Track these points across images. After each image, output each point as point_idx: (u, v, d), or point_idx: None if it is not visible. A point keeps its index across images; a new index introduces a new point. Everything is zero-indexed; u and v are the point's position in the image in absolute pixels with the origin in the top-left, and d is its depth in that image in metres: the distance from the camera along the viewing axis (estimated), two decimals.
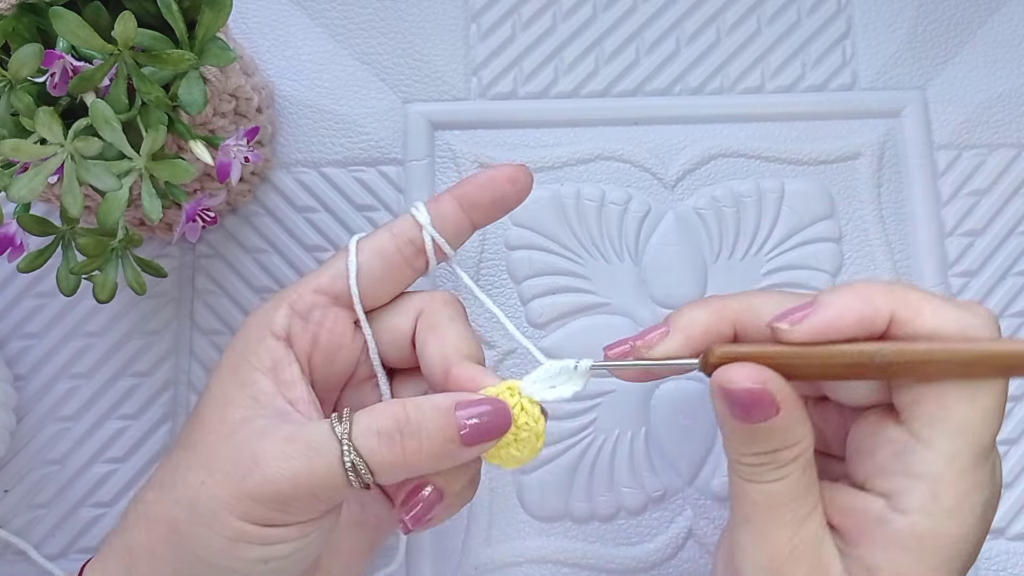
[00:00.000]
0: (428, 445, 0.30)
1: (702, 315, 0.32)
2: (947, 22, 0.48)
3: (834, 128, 0.47)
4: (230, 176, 0.35)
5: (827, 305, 0.30)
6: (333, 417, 0.31)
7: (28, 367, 0.43)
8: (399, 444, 0.30)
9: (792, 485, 0.30)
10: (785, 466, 0.30)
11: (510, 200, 0.35)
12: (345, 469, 0.29)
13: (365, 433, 0.30)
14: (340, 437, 0.30)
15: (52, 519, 0.42)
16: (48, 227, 0.34)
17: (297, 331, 0.33)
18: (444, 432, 0.30)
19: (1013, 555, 0.43)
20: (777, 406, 0.29)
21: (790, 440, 0.30)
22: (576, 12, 0.47)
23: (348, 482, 0.30)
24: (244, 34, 0.46)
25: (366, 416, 0.30)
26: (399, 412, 0.30)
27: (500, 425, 0.30)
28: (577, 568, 0.42)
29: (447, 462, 0.30)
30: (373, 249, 0.34)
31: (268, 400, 0.32)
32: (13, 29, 0.31)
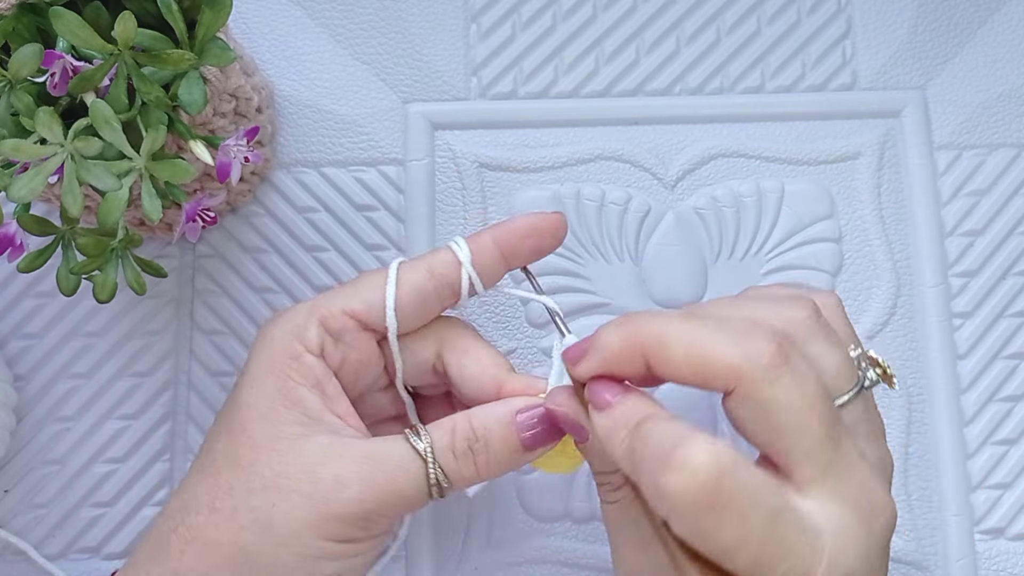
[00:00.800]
0: (496, 457, 0.32)
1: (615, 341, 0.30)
2: (947, 22, 0.48)
3: (834, 128, 0.47)
4: (230, 176, 0.35)
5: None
6: (407, 433, 0.32)
7: (28, 367, 0.43)
8: (472, 460, 0.32)
9: (626, 509, 0.32)
10: (617, 489, 0.32)
11: (548, 250, 0.36)
12: (430, 485, 0.32)
13: (444, 452, 0.32)
14: (424, 455, 0.32)
15: (52, 519, 0.42)
16: (48, 227, 0.34)
17: (329, 349, 0.34)
18: (508, 443, 0.32)
19: (1013, 555, 0.43)
20: (585, 431, 0.31)
21: (610, 465, 0.32)
22: (576, 12, 0.47)
23: (430, 496, 0.32)
24: (244, 34, 0.46)
25: (440, 434, 0.32)
26: (468, 430, 0.32)
27: (556, 429, 0.33)
28: (577, 568, 0.42)
29: (513, 467, 0.33)
30: (412, 286, 0.34)
31: (319, 415, 0.32)
32: (13, 29, 0.31)
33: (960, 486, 0.43)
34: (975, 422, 0.44)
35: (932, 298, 0.45)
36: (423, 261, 0.35)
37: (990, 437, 0.44)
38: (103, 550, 0.42)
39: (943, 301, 0.45)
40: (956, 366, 0.44)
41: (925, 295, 0.45)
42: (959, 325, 0.45)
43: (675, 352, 0.28)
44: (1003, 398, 0.44)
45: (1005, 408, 0.44)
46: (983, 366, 0.44)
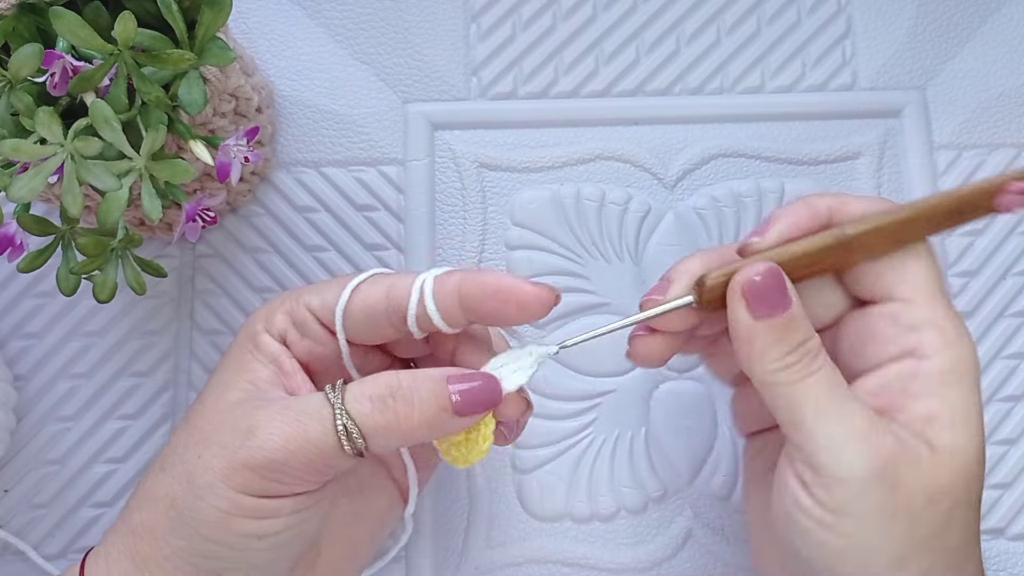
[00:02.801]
0: (420, 411, 0.30)
1: (696, 261, 0.34)
2: (947, 22, 0.48)
3: (834, 128, 0.47)
4: (230, 176, 0.35)
5: (781, 215, 0.33)
6: (327, 388, 0.31)
7: (28, 367, 0.43)
8: (391, 408, 0.30)
9: (833, 371, 0.32)
10: (820, 353, 0.32)
11: (509, 322, 0.32)
12: (337, 433, 0.30)
13: (358, 398, 0.31)
14: (333, 402, 0.31)
15: (52, 519, 0.42)
16: (48, 227, 0.34)
17: (293, 338, 0.34)
18: (437, 399, 0.31)
19: (1013, 555, 0.43)
20: (788, 295, 0.32)
21: (809, 330, 0.32)
22: (576, 12, 0.47)
23: (341, 446, 0.30)
24: (244, 34, 0.47)
25: (358, 384, 0.31)
26: (392, 379, 0.31)
27: (491, 398, 0.31)
28: (577, 568, 0.42)
29: (437, 431, 0.31)
30: (366, 303, 0.33)
31: (267, 387, 0.33)
32: (13, 29, 0.31)
33: None
34: None
35: None
36: (389, 279, 0.34)
37: (990, 437, 0.44)
38: None
39: None
40: None
41: None
42: None
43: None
44: (1003, 398, 0.44)
45: (1005, 408, 0.44)
46: (983, 366, 0.44)
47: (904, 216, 0.33)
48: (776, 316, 0.32)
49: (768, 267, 0.32)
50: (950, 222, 0.33)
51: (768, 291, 0.32)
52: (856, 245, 0.33)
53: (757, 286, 0.32)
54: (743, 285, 0.32)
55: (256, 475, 0.30)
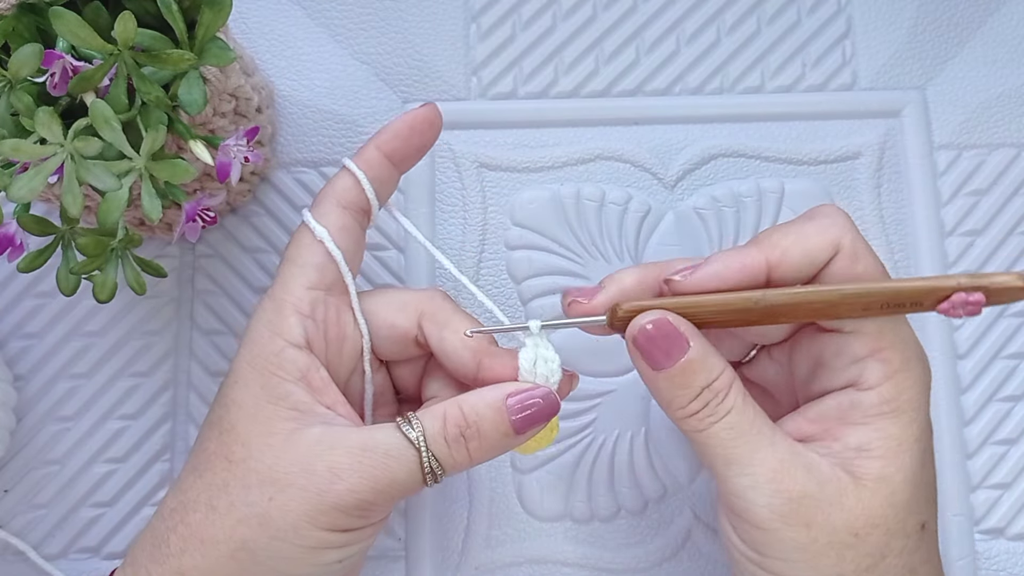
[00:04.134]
0: (487, 442, 0.33)
1: (631, 275, 0.34)
2: (947, 22, 0.48)
3: (834, 128, 0.47)
4: (230, 176, 0.35)
5: (713, 260, 0.33)
6: (399, 422, 0.32)
7: (28, 367, 0.43)
8: (464, 446, 0.32)
9: (742, 411, 0.32)
10: (726, 397, 0.32)
11: (429, 144, 0.36)
12: (424, 473, 0.32)
13: (436, 439, 0.32)
14: (417, 444, 0.32)
15: (52, 519, 0.42)
16: (48, 227, 0.34)
17: (313, 335, 0.34)
18: (499, 428, 0.32)
19: (1013, 555, 0.43)
20: (685, 338, 0.32)
21: (713, 372, 0.32)
22: (576, 12, 0.47)
23: (425, 483, 0.32)
24: (244, 34, 0.47)
25: (431, 421, 0.32)
26: (458, 416, 0.32)
27: (549, 411, 0.33)
28: (577, 568, 0.42)
29: (504, 451, 0.33)
30: (340, 228, 0.35)
31: (309, 408, 0.33)
32: (13, 29, 0.31)
33: (960, 486, 0.43)
34: (975, 422, 0.44)
35: None
36: (329, 198, 0.35)
37: (990, 437, 0.44)
38: (103, 550, 0.42)
39: None
40: (956, 366, 0.44)
41: None
42: (959, 325, 0.45)
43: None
44: (1003, 398, 0.44)
45: (1005, 408, 0.44)
46: (983, 366, 0.44)
47: (831, 296, 0.32)
48: (666, 367, 0.32)
49: (656, 320, 0.32)
50: (885, 310, 0.32)
51: (657, 342, 0.32)
52: (778, 312, 0.32)
53: (647, 336, 0.32)
54: (634, 336, 0.32)
55: (345, 515, 0.31)
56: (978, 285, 0.31)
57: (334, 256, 0.34)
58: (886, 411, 0.32)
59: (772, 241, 0.33)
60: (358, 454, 0.31)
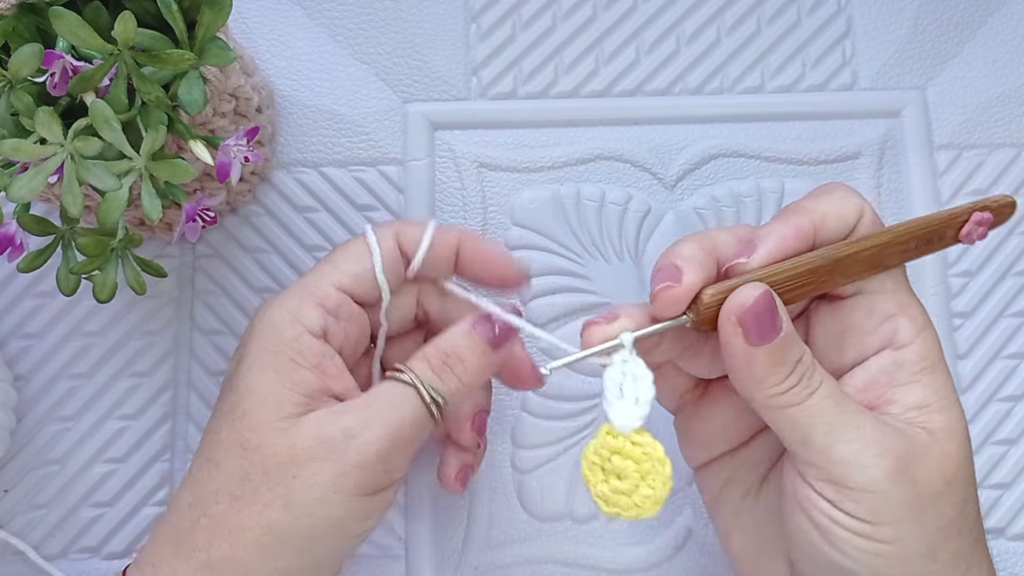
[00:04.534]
0: (470, 363, 0.34)
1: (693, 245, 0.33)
2: (947, 22, 0.48)
3: (834, 128, 0.47)
4: (230, 176, 0.35)
5: (766, 236, 0.33)
6: (390, 375, 0.34)
7: (28, 367, 0.43)
8: (452, 373, 0.34)
9: (832, 389, 0.32)
10: (817, 370, 0.32)
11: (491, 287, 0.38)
12: (428, 405, 0.33)
13: (426, 373, 0.33)
14: (414, 383, 0.33)
15: (52, 519, 0.42)
16: (48, 227, 0.34)
17: (333, 329, 0.35)
18: (474, 346, 0.34)
19: (1013, 555, 0.43)
20: (780, 318, 0.32)
21: (803, 346, 0.32)
22: (576, 12, 0.47)
23: (432, 417, 0.33)
24: (244, 34, 0.47)
25: (415, 363, 0.34)
26: (438, 351, 0.34)
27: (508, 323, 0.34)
28: (577, 568, 0.42)
29: (491, 368, 0.35)
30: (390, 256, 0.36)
31: (319, 395, 0.33)
32: (13, 29, 0.31)
33: None
34: (975, 422, 0.44)
35: (932, 298, 0.45)
36: (394, 230, 0.36)
37: (990, 437, 0.44)
38: (103, 550, 0.42)
39: (943, 301, 0.45)
40: (956, 366, 0.44)
41: (925, 295, 0.45)
42: (959, 325, 0.45)
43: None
44: (1003, 398, 0.44)
45: (1005, 408, 0.44)
46: (983, 366, 0.44)
47: (883, 240, 0.33)
48: (771, 340, 0.31)
49: (762, 292, 0.31)
50: (920, 250, 0.34)
51: (762, 316, 0.31)
52: (843, 264, 0.33)
53: (751, 311, 0.31)
54: (737, 311, 0.31)
55: (369, 472, 0.32)
56: (985, 206, 0.35)
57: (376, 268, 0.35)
58: (927, 366, 0.33)
59: (808, 208, 0.34)
60: (365, 410, 0.32)
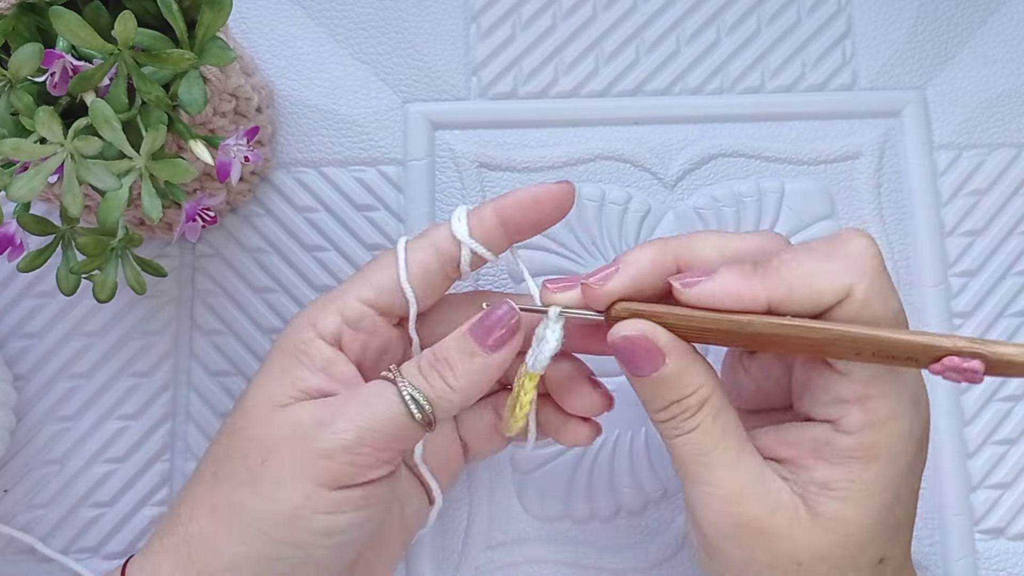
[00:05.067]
0: (459, 366, 0.32)
1: (647, 254, 0.33)
2: (947, 22, 0.48)
3: (834, 128, 0.47)
4: (230, 176, 0.35)
5: (716, 280, 0.32)
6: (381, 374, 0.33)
7: (28, 367, 0.43)
8: (439, 375, 0.32)
9: (708, 432, 0.32)
10: (694, 414, 0.32)
11: (550, 222, 0.35)
12: (405, 402, 0.32)
13: (411, 372, 0.33)
14: (394, 378, 0.32)
15: (52, 519, 0.42)
16: (48, 226, 0.34)
17: (348, 339, 0.34)
18: (464, 348, 0.33)
19: (1013, 555, 0.43)
20: (662, 354, 0.32)
21: (687, 388, 0.32)
22: (576, 12, 0.47)
23: (411, 416, 0.32)
24: (244, 34, 0.47)
25: (410, 362, 0.33)
26: (429, 353, 0.33)
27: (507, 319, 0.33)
28: (577, 568, 0.42)
29: (486, 374, 0.33)
30: (421, 268, 0.35)
31: (321, 395, 0.33)
32: (13, 28, 0.31)
33: (960, 486, 0.43)
34: (975, 422, 0.44)
35: (932, 298, 0.45)
36: (427, 239, 0.35)
37: (990, 437, 0.44)
38: (103, 550, 0.42)
39: (943, 301, 0.45)
40: None
41: (925, 295, 0.45)
42: (959, 325, 0.45)
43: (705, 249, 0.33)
44: (1003, 398, 0.44)
45: (1005, 408, 0.44)
46: None
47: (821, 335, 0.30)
48: (644, 375, 0.32)
49: (634, 333, 0.32)
50: (876, 359, 0.30)
51: (635, 352, 0.32)
52: (765, 341, 0.31)
53: (621, 346, 0.32)
54: (614, 342, 0.32)
55: (333, 462, 0.31)
56: (977, 352, 0.29)
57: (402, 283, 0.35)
58: (858, 456, 0.31)
59: (780, 275, 0.31)
60: (341, 403, 0.32)
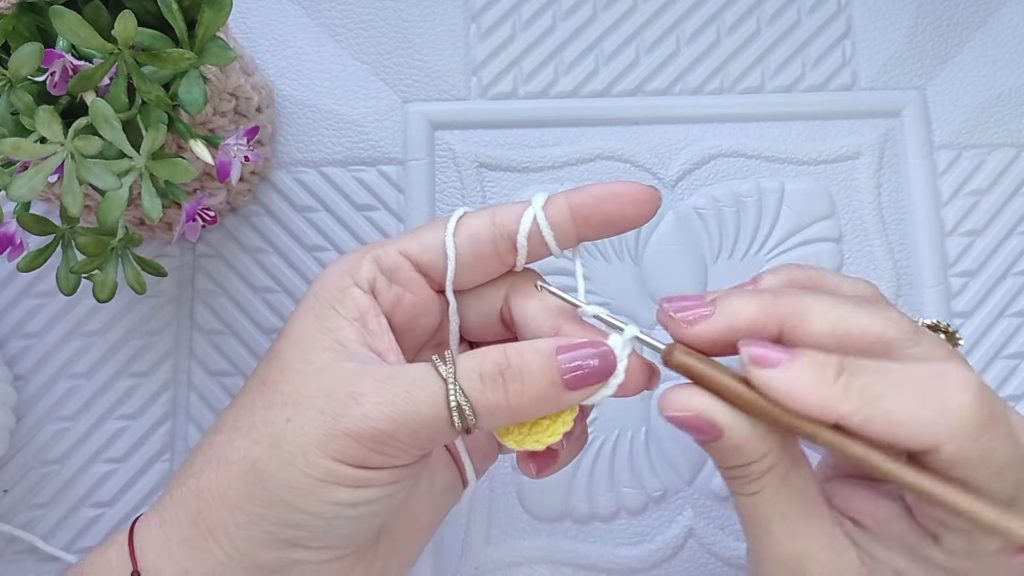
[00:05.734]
0: (530, 388, 0.29)
1: (751, 309, 0.31)
2: (947, 22, 0.48)
3: (834, 128, 0.47)
4: (230, 175, 0.35)
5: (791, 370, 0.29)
6: (435, 359, 0.30)
7: (28, 367, 0.43)
8: (502, 387, 0.29)
9: (770, 498, 0.30)
10: (757, 479, 0.30)
11: (627, 223, 0.32)
12: (450, 409, 0.29)
13: (469, 374, 0.29)
14: (446, 377, 0.29)
15: (52, 519, 0.42)
16: (48, 226, 0.34)
17: (382, 287, 0.32)
18: (546, 375, 0.29)
19: None
20: (718, 429, 0.29)
21: (749, 457, 0.30)
22: (576, 12, 0.47)
23: (452, 423, 0.29)
24: (244, 34, 0.47)
25: (469, 358, 0.30)
26: (500, 355, 0.29)
27: (604, 368, 0.30)
28: (577, 568, 0.42)
29: (549, 406, 0.30)
30: (469, 232, 0.32)
31: (354, 347, 0.31)
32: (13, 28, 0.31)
33: None
34: None
35: (932, 298, 0.45)
36: (489, 209, 0.33)
37: None
38: None
39: (943, 301, 0.45)
40: None
41: (925, 295, 0.45)
42: (959, 325, 0.45)
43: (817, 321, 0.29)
44: (1003, 398, 0.44)
45: None
46: (983, 366, 0.44)
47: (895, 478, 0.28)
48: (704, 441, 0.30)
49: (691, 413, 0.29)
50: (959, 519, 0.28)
51: (685, 427, 0.30)
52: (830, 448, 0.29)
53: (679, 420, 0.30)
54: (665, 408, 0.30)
55: (358, 445, 0.29)
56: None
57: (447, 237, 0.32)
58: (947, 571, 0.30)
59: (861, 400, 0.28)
60: (383, 381, 0.29)
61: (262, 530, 0.29)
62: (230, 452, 0.30)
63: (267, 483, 0.29)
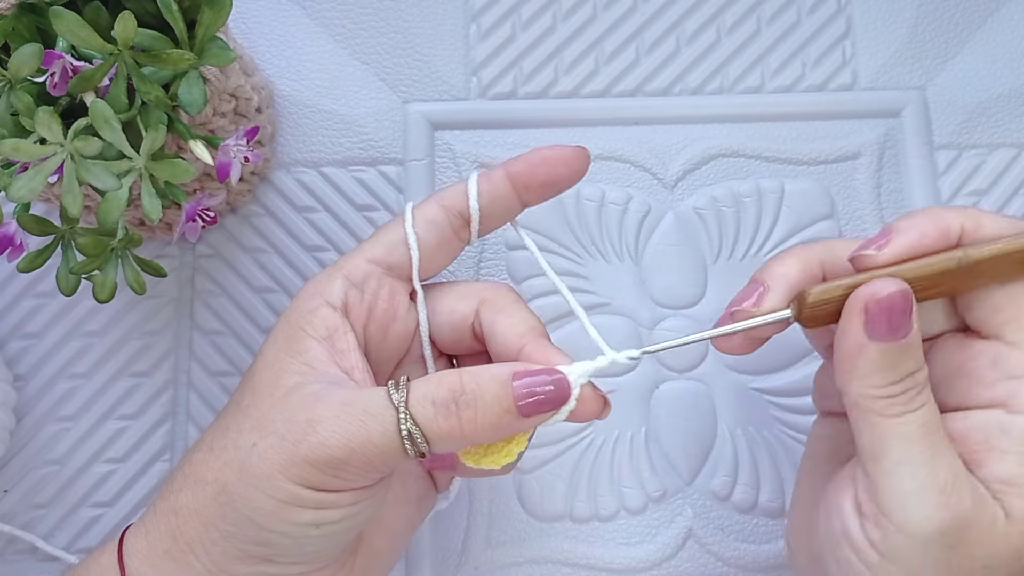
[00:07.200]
0: (484, 416, 0.30)
1: (793, 264, 0.32)
2: (947, 22, 0.48)
3: (834, 128, 0.47)
4: (230, 176, 0.35)
5: (904, 228, 0.31)
6: (390, 384, 0.30)
7: (28, 367, 0.43)
8: (455, 414, 0.30)
9: (933, 411, 0.30)
10: (925, 388, 0.30)
11: (562, 183, 0.34)
12: (401, 437, 0.29)
13: (421, 401, 0.30)
14: (397, 405, 0.30)
15: (52, 519, 0.42)
16: (48, 227, 0.34)
17: (353, 301, 0.33)
18: (501, 402, 0.30)
19: None
20: (912, 320, 0.29)
21: (921, 360, 0.30)
22: (576, 12, 0.47)
23: (404, 450, 0.30)
24: (244, 34, 0.47)
25: (423, 384, 0.30)
26: (455, 382, 0.30)
27: (558, 396, 0.30)
28: (577, 568, 0.42)
29: (503, 432, 0.30)
30: (425, 219, 0.34)
31: (322, 367, 0.32)
32: (13, 29, 0.31)
33: None
34: None
35: None
36: (433, 196, 0.35)
37: None
38: None
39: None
40: None
41: None
42: None
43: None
44: None
45: None
46: None
47: None
48: (894, 340, 0.29)
49: (900, 288, 0.29)
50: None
51: (895, 312, 0.29)
52: (980, 271, 0.30)
53: (884, 305, 0.29)
54: (868, 301, 0.29)
55: (316, 470, 0.29)
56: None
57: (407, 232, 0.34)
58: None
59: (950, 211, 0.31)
60: (338, 409, 0.30)
61: (235, 547, 0.31)
62: (205, 472, 0.32)
63: (236, 504, 0.30)
